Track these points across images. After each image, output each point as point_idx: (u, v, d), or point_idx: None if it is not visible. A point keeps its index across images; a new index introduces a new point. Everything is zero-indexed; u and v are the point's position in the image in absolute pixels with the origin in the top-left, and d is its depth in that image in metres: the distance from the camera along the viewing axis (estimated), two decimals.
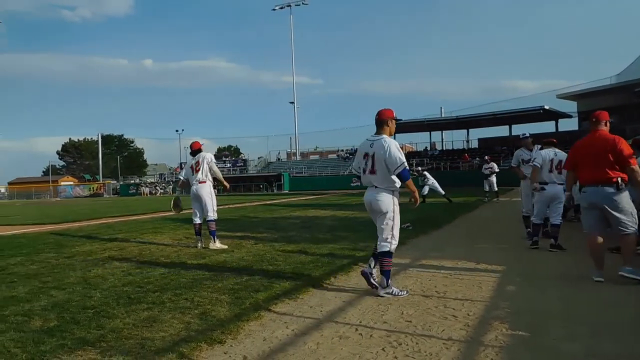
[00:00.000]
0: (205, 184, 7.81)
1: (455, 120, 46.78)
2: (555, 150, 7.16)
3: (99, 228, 11.90)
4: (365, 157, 4.61)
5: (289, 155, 62.72)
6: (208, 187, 7.84)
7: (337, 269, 5.78)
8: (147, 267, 6.13)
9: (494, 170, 19.21)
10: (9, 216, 19.20)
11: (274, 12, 61.68)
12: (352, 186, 42.39)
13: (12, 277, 5.70)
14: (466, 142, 50.64)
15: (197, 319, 3.81)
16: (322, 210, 16.28)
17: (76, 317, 3.94)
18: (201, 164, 7.82)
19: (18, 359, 3.04)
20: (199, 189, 7.78)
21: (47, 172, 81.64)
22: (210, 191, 7.88)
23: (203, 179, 7.80)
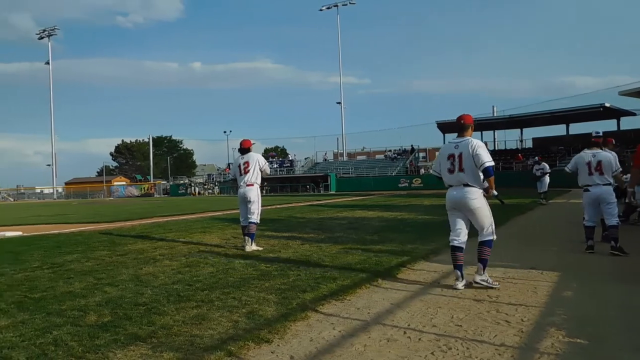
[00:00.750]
0: (254, 187, 7.78)
1: (508, 119, 45.40)
2: (595, 152, 6.84)
3: (150, 227, 12.31)
4: (450, 158, 4.90)
5: (336, 155, 62.82)
6: (256, 189, 7.81)
7: (385, 271, 5.74)
8: (196, 266, 6.30)
9: (546, 171, 18.52)
10: (66, 215, 20.18)
11: (321, 12, 61.94)
12: (400, 187, 42.05)
13: (69, 274, 5.99)
14: (520, 142, 49.15)
15: (245, 318, 3.88)
16: (369, 211, 16.21)
17: (128, 313, 4.10)
18: (251, 165, 7.77)
19: (75, 352, 3.19)
20: (247, 191, 7.75)
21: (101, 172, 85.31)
22: (258, 194, 7.85)
23: (252, 182, 7.77)
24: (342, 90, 61.48)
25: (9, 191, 77.17)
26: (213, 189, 55.12)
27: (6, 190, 77.84)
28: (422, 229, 10.30)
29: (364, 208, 18.27)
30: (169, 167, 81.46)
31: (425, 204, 19.73)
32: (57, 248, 8.42)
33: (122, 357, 3.09)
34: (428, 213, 15.01)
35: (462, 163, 4.79)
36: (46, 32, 69.55)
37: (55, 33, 70.11)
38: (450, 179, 4.95)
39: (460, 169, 4.81)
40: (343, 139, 61.67)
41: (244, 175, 7.78)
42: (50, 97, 70.22)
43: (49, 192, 72.54)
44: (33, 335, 3.54)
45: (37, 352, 3.19)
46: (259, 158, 7.91)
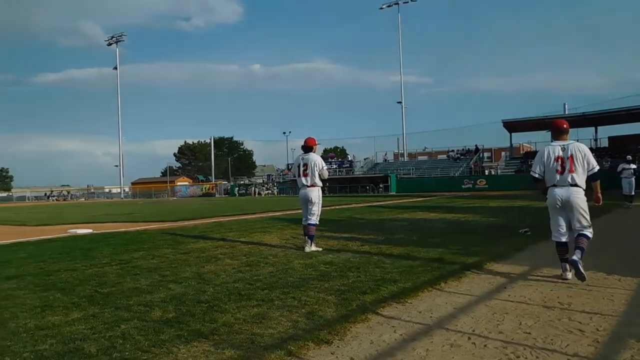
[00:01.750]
0: (315, 188, 7.82)
1: (581, 117, 43.11)
2: None
3: (212, 226, 12.69)
4: (558, 159, 5.31)
5: (396, 156, 62.20)
6: (317, 191, 7.84)
7: (447, 274, 5.62)
8: (256, 266, 6.43)
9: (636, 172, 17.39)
10: (132, 214, 21.17)
11: (381, 10, 61.55)
12: (463, 188, 41.04)
13: (135, 270, 6.28)
14: (594, 141, 46.61)
15: (305, 318, 3.92)
16: (431, 213, 15.93)
17: (191, 310, 4.24)
18: (310, 168, 7.80)
19: (141, 345, 3.34)
20: (309, 192, 7.80)
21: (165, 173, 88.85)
22: (319, 195, 7.88)
23: (312, 183, 7.80)
24: (402, 90, 60.83)
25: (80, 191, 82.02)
26: (272, 190, 56.04)
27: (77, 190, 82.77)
28: (487, 232, 10.00)
29: (426, 209, 17.98)
30: (230, 167, 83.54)
31: (490, 206, 19.15)
32: (124, 245, 8.85)
33: (185, 353, 3.20)
34: (494, 215, 14.56)
35: (573, 165, 5.23)
36: (114, 39, 73.37)
37: (122, 39, 73.82)
38: (559, 179, 5.31)
39: (571, 170, 5.23)
40: (404, 139, 61.02)
41: (304, 178, 7.85)
42: (118, 100, 74.04)
43: (117, 192, 76.39)
44: (103, 329, 3.74)
45: (106, 344, 3.37)
46: (318, 160, 7.90)
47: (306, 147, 8.08)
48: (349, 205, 22.06)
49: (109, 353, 3.20)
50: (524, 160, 45.12)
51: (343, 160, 60.70)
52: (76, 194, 77.89)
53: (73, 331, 3.69)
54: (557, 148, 5.37)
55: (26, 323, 3.94)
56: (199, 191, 65.20)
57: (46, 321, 3.98)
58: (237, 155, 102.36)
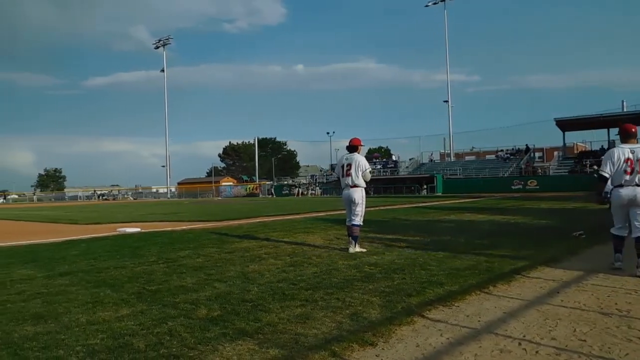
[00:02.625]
0: (358, 189, 7.73)
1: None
2: None
3: (256, 226, 12.87)
4: (627, 161, 5.65)
5: (442, 156, 61.27)
6: (361, 191, 7.75)
7: (496, 277, 5.49)
8: (300, 266, 6.47)
9: None
10: (178, 213, 21.73)
11: (427, 8, 60.74)
12: (513, 189, 39.99)
13: (181, 269, 6.44)
14: None
15: (349, 319, 3.92)
16: (479, 214, 15.60)
17: (236, 308, 4.31)
18: (354, 169, 7.72)
19: (187, 342, 3.43)
20: (352, 193, 7.72)
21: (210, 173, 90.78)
22: (363, 195, 7.78)
23: (354, 183, 7.72)
24: (449, 88, 59.80)
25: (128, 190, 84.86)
26: (315, 190, 56.27)
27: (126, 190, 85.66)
28: (538, 234, 9.71)
29: (473, 211, 17.62)
30: (273, 168, 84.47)
31: (542, 207, 18.57)
32: (171, 244, 9.09)
33: (230, 351, 3.26)
34: (546, 217, 14.11)
35: None
36: (161, 42, 75.61)
37: (169, 42, 76.03)
38: (627, 179, 5.66)
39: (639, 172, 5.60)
40: (450, 138, 59.96)
41: (346, 178, 7.80)
42: (165, 102, 76.22)
43: (164, 192, 78.64)
44: (150, 325, 3.86)
45: (154, 340, 3.48)
46: (362, 161, 7.81)
47: (351, 147, 8.03)
48: (393, 206, 21.89)
49: (156, 349, 3.30)
50: (578, 160, 43.51)
51: (387, 161, 60.31)
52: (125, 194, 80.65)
53: (122, 327, 3.82)
54: (626, 150, 5.72)
55: (78, 318, 4.11)
56: (243, 191, 66.26)
57: (97, 316, 4.15)
58: (281, 155, 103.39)
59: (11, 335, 3.66)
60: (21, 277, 6.11)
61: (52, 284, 5.61)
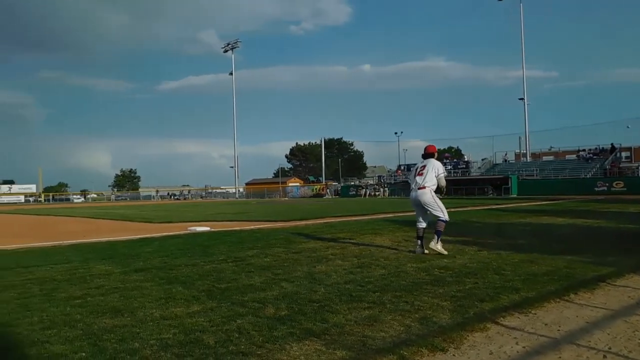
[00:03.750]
0: (426, 190, 7.55)
1: None
2: None
3: (322, 227, 12.96)
4: None
5: (518, 156, 58.96)
6: (429, 192, 7.57)
7: (578, 285, 5.21)
8: (368, 267, 6.45)
9: None
10: (246, 213, 22.28)
11: (500, 2, 58.63)
12: (596, 190, 37.86)
13: (249, 268, 6.60)
14: None
15: (418, 323, 3.86)
16: (558, 217, 14.88)
17: (303, 308, 4.36)
18: (427, 169, 7.59)
19: (255, 340, 3.51)
20: (420, 195, 7.57)
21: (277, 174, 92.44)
22: (432, 196, 7.59)
23: (423, 185, 7.55)
24: (525, 85, 57.43)
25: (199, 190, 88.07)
26: (383, 191, 55.85)
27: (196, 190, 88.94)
28: (625, 240, 9.13)
29: (552, 214, 16.83)
30: (340, 168, 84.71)
31: (630, 211, 17.44)
32: (239, 244, 9.34)
33: (297, 350, 3.30)
34: (634, 222, 13.24)
35: None
36: (230, 46, 77.76)
37: (237, 46, 77.96)
38: None
39: None
40: (526, 138, 57.58)
41: (418, 177, 7.67)
42: (233, 105, 78.32)
43: (232, 192, 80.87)
44: (220, 322, 3.98)
45: (223, 337, 3.58)
46: (437, 165, 7.67)
47: (426, 154, 7.91)
48: (464, 208, 21.33)
49: (225, 346, 3.39)
50: None
51: (458, 161, 58.85)
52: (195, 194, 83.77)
53: (193, 323, 3.97)
54: None
55: (152, 312, 4.32)
56: (310, 192, 66.90)
57: (169, 312, 4.33)
58: (348, 156, 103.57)
59: (91, 327, 3.90)
60: (100, 272, 6.49)
61: (128, 280, 5.92)
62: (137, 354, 3.25)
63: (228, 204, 44.38)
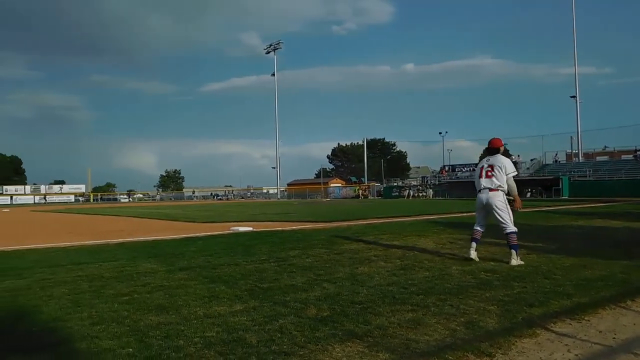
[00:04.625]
0: (499, 193, 6.95)
1: None
2: None
3: (365, 228, 12.91)
4: None
5: (569, 156, 57.05)
6: (502, 195, 6.94)
7: (635, 291, 5.00)
8: (411, 269, 6.39)
9: None
10: (288, 213, 22.45)
11: None
12: None
13: (291, 268, 6.65)
14: None
15: (463, 327, 3.79)
16: (613, 221, 14.31)
17: (345, 310, 4.36)
18: (495, 169, 7.00)
19: (298, 340, 3.53)
20: (491, 197, 6.92)
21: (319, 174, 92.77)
22: (505, 200, 6.99)
23: (496, 186, 6.93)
24: (577, 83, 55.55)
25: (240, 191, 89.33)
26: (427, 192, 55.17)
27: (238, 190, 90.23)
28: None
29: (606, 216, 16.20)
30: (383, 169, 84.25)
31: None
32: (281, 244, 9.42)
33: (340, 352, 3.30)
34: None
35: None
36: (272, 47, 78.60)
37: (280, 47, 78.70)
38: None
39: None
40: (578, 137, 55.68)
41: (486, 179, 7.04)
42: (275, 105, 79.08)
43: (274, 192, 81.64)
44: (262, 321, 4.03)
45: (265, 337, 3.62)
46: (507, 163, 7.09)
47: (491, 149, 7.35)
48: None
49: (268, 345, 3.43)
50: None
51: None
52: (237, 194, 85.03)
53: (236, 322, 4.03)
54: None
55: (196, 311, 4.41)
56: (352, 192, 66.80)
57: (213, 310, 4.42)
58: (390, 156, 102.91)
59: (138, 324, 4.02)
60: (146, 270, 6.68)
61: (173, 278, 6.07)
62: (182, 351, 3.33)
63: (270, 204, 44.85)
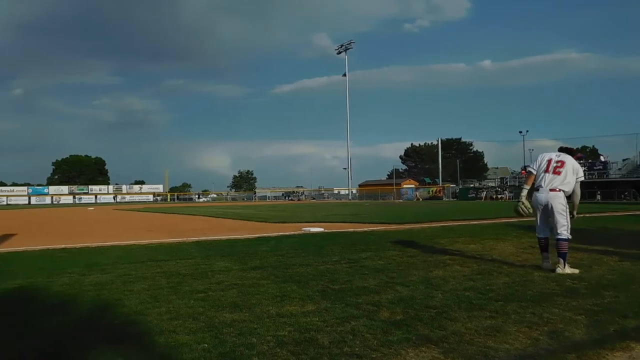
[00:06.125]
0: (559, 194, 6.54)
1: None
2: None
3: (439, 230, 12.64)
4: None
5: None
6: (562, 197, 6.46)
7: None
8: (489, 274, 6.19)
9: None
10: (359, 214, 22.41)
11: None
12: None
13: (363, 270, 6.63)
14: None
15: (547, 337, 3.62)
16: None
17: (419, 314, 4.29)
18: (566, 168, 6.48)
19: (370, 343, 3.51)
20: (552, 197, 6.45)
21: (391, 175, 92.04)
22: (564, 203, 6.47)
23: (559, 187, 6.46)
24: None
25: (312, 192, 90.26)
26: (505, 194, 53.30)
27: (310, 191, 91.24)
28: None
29: None
30: (458, 170, 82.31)
31: None
32: (353, 245, 9.42)
33: (413, 357, 3.25)
34: None
35: None
36: (343, 47, 79.09)
37: (351, 47, 79.15)
38: None
39: None
40: None
41: (552, 175, 6.51)
42: (347, 106, 79.51)
43: (345, 193, 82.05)
44: (334, 323, 4.04)
45: (337, 338, 3.63)
46: (578, 167, 6.58)
47: (563, 149, 6.89)
48: (602, 214, 19.70)
49: (340, 347, 3.43)
50: None
51: (594, 162, 54.41)
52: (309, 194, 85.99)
53: (308, 322, 4.07)
54: None
55: (269, 310, 4.49)
56: (426, 194, 65.77)
57: (285, 310, 4.48)
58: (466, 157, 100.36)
59: (212, 320, 4.16)
60: (220, 268, 6.90)
61: (246, 277, 6.22)
62: (255, 349, 3.40)
63: (341, 205, 45.01)
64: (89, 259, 8.13)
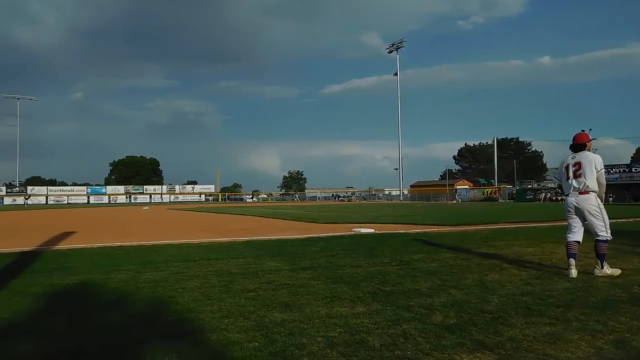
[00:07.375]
0: (590, 195, 6.40)
1: None
2: None
3: (495, 233, 12.33)
4: None
5: None
6: (594, 198, 6.41)
7: None
8: (548, 279, 6.00)
9: None
10: (411, 216, 22.16)
11: None
12: None
13: (415, 272, 6.54)
14: None
15: (612, 347, 3.46)
16: None
17: (474, 318, 4.19)
18: (584, 167, 6.43)
19: (422, 347, 3.46)
20: (582, 201, 6.43)
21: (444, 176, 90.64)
22: (598, 203, 6.41)
23: (585, 189, 6.43)
24: None
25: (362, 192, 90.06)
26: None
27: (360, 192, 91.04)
28: None
29: None
30: (515, 170, 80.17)
31: None
32: (404, 247, 9.32)
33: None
34: None
35: None
36: (394, 46, 78.57)
37: (402, 46, 78.54)
38: None
39: None
40: None
41: (574, 180, 6.55)
42: (398, 106, 78.84)
43: (396, 194, 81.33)
44: (385, 325, 4.01)
45: (389, 341, 3.60)
46: (596, 159, 6.45)
47: (576, 146, 6.73)
48: None
49: (391, 350, 3.40)
50: None
51: None
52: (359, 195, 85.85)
53: (358, 323, 4.06)
54: None
55: (318, 310, 4.51)
56: (480, 195, 64.42)
57: (335, 311, 4.48)
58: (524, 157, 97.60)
59: (263, 320, 4.21)
60: (270, 268, 6.98)
61: (296, 277, 6.27)
62: (305, 349, 3.42)
63: (392, 206, 44.68)
64: (144, 256, 8.41)
